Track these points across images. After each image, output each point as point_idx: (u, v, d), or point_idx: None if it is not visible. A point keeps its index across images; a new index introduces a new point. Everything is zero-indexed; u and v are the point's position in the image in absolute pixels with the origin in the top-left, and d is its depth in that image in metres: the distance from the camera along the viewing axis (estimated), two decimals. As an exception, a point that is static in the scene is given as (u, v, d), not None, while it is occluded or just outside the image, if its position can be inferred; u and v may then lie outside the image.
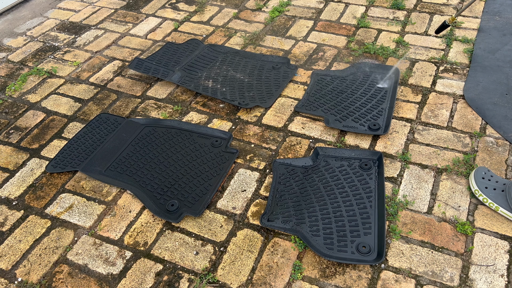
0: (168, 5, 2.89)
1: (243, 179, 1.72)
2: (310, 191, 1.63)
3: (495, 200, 1.53)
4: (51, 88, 2.25)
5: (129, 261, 1.48)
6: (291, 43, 2.45)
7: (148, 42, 2.55)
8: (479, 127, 1.87)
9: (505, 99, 2.01)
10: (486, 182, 1.57)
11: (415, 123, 1.91)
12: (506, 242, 1.46)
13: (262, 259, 1.46)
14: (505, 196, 1.51)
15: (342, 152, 1.77)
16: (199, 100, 2.12)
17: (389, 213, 1.56)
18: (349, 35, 2.48)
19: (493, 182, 1.57)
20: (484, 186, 1.56)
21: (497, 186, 1.55)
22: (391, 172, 1.71)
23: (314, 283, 1.38)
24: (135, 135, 1.92)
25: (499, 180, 1.57)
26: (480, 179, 1.58)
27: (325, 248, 1.45)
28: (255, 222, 1.57)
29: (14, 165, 1.84)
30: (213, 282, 1.40)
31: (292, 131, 1.91)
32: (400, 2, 2.70)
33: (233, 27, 2.63)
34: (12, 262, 1.50)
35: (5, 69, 2.40)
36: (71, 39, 2.61)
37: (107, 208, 1.65)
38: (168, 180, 1.71)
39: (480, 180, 1.58)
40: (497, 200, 1.53)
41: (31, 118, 2.07)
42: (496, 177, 1.59)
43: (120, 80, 2.28)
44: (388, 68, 2.18)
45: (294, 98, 2.08)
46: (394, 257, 1.44)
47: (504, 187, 1.54)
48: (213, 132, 1.90)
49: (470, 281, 1.36)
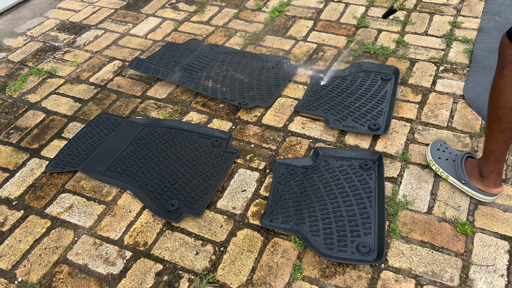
0: (168, 5, 2.89)
1: (243, 179, 1.72)
2: (310, 191, 1.63)
3: (446, 170, 1.62)
4: (51, 88, 2.25)
5: (129, 261, 1.48)
6: (291, 43, 2.45)
7: (148, 42, 2.55)
8: (479, 127, 1.87)
9: (505, 99, 2.01)
10: (440, 153, 1.67)
11: (415, 123, 1.91)
12: (506, 242, 1.46)
13: (262, 259, 1.46)
14: (454, 166, 1.61)
15: (342, 152, 1.77)
16: (199, 100, 2.12)
17: (389, 213, 1.56)
18: (349, 35, 2.48)
19: (447, 154, 1.66)
20: (438, 156, 1.66)
21: (449, 157, 1.64)
22: (391, 172, 1.71)
23: (314, 283, 1.38)
24: (135, 135, 1.92)
25: (453, 151, 1.67)
26: (435, 151, 1.68)
27: (325, 248, 1.45)
28: (255, 222, 1.57)
29: (14, 165, 1.84)
30: (213, 282, 1.40)
31: (292, 131, 1.91)
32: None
33: (233, 27, 2.63)
34: (12, 262, 1.50)
35: (5, 69, 2.40)
36: (71, 39, 2.61)
37: (107, 208, 1.65)
38: (168, 180, 1.71)
39: (435, 151, 1.68)
40: (447, 169, 1.62)
41: (31, 118, 2.07)
42: (450, 149, 1.68)
43: (120, 80, 2.28)
44: (388, 68, 2.18)
45: (294, 98, 2.08)
46: (394, 257, 1.44)
47: (456, 157, 1.63)
48: (213, 132, 1.90)
49: (470, 281, 1.36)
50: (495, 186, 1.52)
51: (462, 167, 1.58)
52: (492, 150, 1.44)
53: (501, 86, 1.30)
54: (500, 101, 1.32)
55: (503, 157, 1.45)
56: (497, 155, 1.44)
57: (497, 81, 1.32)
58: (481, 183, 1.53)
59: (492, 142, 1.42)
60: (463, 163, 1.59)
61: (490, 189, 1.52)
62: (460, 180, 1.59)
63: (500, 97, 1.32)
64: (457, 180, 1.60)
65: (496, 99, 1.33)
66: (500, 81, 1.31)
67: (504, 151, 1.43)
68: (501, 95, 1.31)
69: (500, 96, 1.31)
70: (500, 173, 1.49)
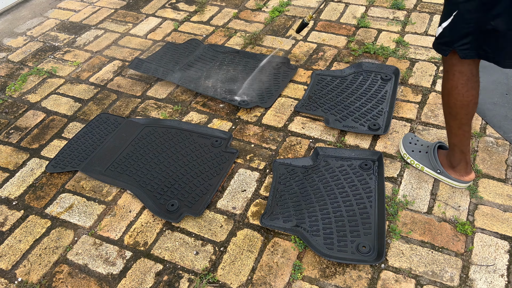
0: (168, 5, 2.89)
1: (243, 179, 1.72)
2: (310, 191, 1.63)
3: (420, 161, 1.68)
4: (51, 88, 2.25)
5: (129, 261, 1.48)
6: (291, 43, 2.45)
7: (148, 42, 2.55)
8: (479, 127, 1.87)
9: (505, 99, 2.01)
10: (412, 146, 1.73)
11: (415, 123, 1.91)
12: (506, 242, 1.46)
13: (262, 259, 1.46)
14: (427, 157, 1.67)
15: (342, 152, 1.77)
16: (199, 100, 2.12)
17: (389, 213, 1.56)
18: (349, 35, 2.48)
19: (419, 146, 1.72)
20: (411, 149, 1.72)
21: (421, 149, 1.70)
22: (391, 172, 1.71)
23: (314, 283, 1.38)
24: (135, 135, 1.92)
25: (424, 143, 1.72)
26: (407, 144, 1.74)
27: (325, 248, 1.45)
28: (255, 222, 1.57)
29: (14, 165, 1.84)
30: (213, 282, 1.40)
31: (292, 131, 1.91)
32: (400, 2, 2.70)
33: (233, 27, 2.63)
34: (12, 262, 1.50)
35: (5, 69, 2.40)
36: (71, 39, 2.61)
37: (107, 208, 1.65)
38: (168, 180, 1.71)
39: (407, 144, 1.74)
40: (422, 161, 1.68)
41: (31, 118, 2.07)
42: (421, 141, 1.74)
43: (120, 80, 2.28)
44: (388, 68, 2.18)
45: (294, 98, 2.08)
46: (394, 257, 1.44)
47: (428, 149, 1.69)
48: (213, 132, 1.90)
49: (470, 281, 1.36)
50: (466, 174, 1.59)
51: (436, 158, 1.64)
52: (455, 143, 1.53)
53: (449, 88, 1.41)
54: (451, 102, 1.42)
55: (467, 148, 1.54)
56: (460, 147, 1.53)
57: (445, 84, 1.42)
58: (454, 172, 1.61)
59: (453, 137, 1.52)
60: (436, 154, 1.65)
61: (462, 177, 1.60)
62: (435, 170, 1.65)
63: (450, 98, 1.42)
64: (433, 170, 1.66)
65: (447, 100, 1.44)
66: (447, 84, 1.41)
67: (467, 143, 1.52)
68: (450, 96, 1.41)
69: (450, 97, 1.42)
70: (468, 162, 1.57)
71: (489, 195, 1.60)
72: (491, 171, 1.69)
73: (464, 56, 1.29)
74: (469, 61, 1.33)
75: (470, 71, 1.35)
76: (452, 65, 1.36)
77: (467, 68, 1.34)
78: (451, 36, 1.29)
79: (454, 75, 1.37)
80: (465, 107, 1.41)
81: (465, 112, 1.42)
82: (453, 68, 1.36)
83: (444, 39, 1.31)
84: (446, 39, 1.31)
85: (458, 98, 1.39)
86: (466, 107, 1.41)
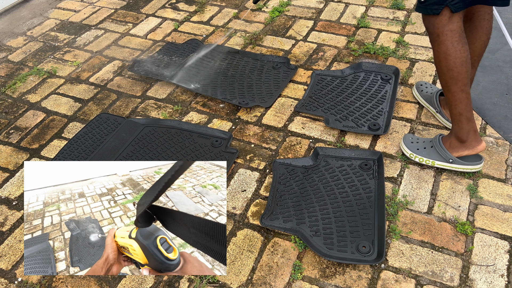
0: (168, 5, 2.90)
1: (243, 179, 1.72)
2: (310, 191, 1.63)
3: (429, 157, 1.68)
4: (51, 88, 2.25)
5: (129, 261, 1.48)
6: (291, 43, 2.45)
7: (148, 42, 2.55)
8: (479, 127, 1.87)
9: (505, 99, 2.01)
10: (415, 145, 1.72)
11: (415, 123, 1.91)
12: (506, 242, 1.46)
13: (262, 259, 1.46)
14: (435, 150, 1.66)
15: (342, 152, 1.77)
16: (199, 100, 2.12)
17: (389, 213, 1.56)
18: (349, 35, 2.48)
19: (421, 143, 1.72)
20: (416, 148, 1.71)
21: (425, 145, 1.70)
22: (391, 172, 1.71)
23: (314, 283, 1.38)
24: (135, 135, 1.92)
25: (425, 140, 1.73)
26: (409, 144, 1.74)
27: (325, 248, 1.45)
28: (255, 222, 1.57)
29: (14, 165, 1.84)
30: (213, 282, 1.40)
31: (292, 131, 1.91)
32: (400, 2, 2.70)
33: (233, 27, 2.63)
34: (12, 262, 1.50)
35: (5, 69, 2.40)
36: (71, 39, 2.61)
37: (107, 208, 1.65)
38: (168, 180, 1.71)
39: (410, 144, 1.73)
40: (430, 156, 1.68)
41: (31, 118, 2.07)
42: (421, 139, 1.74)
43: (120, 80, 2.28)
44: (388, 68, 2.18)
45: (294, 98, 2.08)
46: (394, 257, 1.44)
47: (431, 143, 1.69)
48: (213, 132, 1.90)
49: (470, 281, 1.36)
50: (477, 143, 1.60)
51: (444, 148, 1.64)
52: (461, 111, 1.53)
53: (445, 50, 1.43)
54: (450, 63, 1.44)
55: (472, 114, 1.55)
56: (466, 114, 1.54)
57: (440, 48, 1.44)
58: (465, 147, 1.61)
59: (458, 104, 1.52)
60: (443, 145, 1.65)
61: (475, 148, 1.60)
62: (447, 160, 1.65)
63: (449, 60, 1.43)
64: (445, 161, 1.65)
65: (446, 64, 1.45)
66: (442, 47, 1.43)
67: (470, 108, 1.53)
68: (448, 57, 1.43)
69: (448, 59, 1.43)
70: (476, 130, 1.59)
71: (489, 195, 1.60)
72: (491, 171, 1.69)
73: (456, 9, 1.35)
74: (457, 18, 1.39)
75: (460, 28, 1.41)
76: (443, 26, 1.40)
77: (456, 25, 1.40)
78: None
79: (447, 35, 1.41)
80: (465, 63, 1.44)
81: (465, 69, 1.45)
82: (445, 28, 1.40)
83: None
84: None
85: (457, 56, 1.42)
86: (466, 64, 1.44)
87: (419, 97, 1.98)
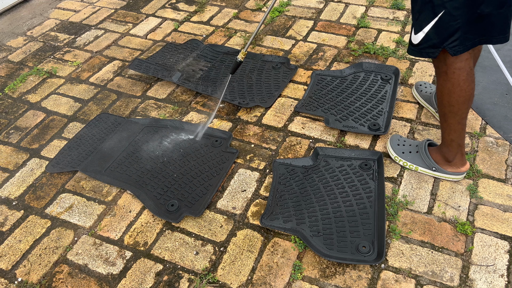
0: (168, 5, 2.89)
1: (243, 179, 1.72)
2: (310, 191, 1.63)
3: (413, 162, 1.68)
4: (51, 88, 2.25)
5: (129, 261, 1.48)
6: (291, 43, 2.45)
7: (148, 42, 2.55)
8: (479, 127, 1.87)
9: (505, 99, 2.01)
10: (401, 148, 1.72)
11: (415, 123, 1.91)
12: (506, 242, 1.46)
13: (262, 259, 1.46)
14: (420, 156, 1.67)
15: (342, 152, 1.77)
16: (199, 100, 2.12)
17: (389, 213, 1.56)
18: (349, 35, 2.48)
19: (408, 146, 1.72)
20: (401, 151, 1.71)
21: (411, 149, 1.71)
22: (391, 172, 1.71)
23: (314, 283, 1.38)
24: (135, 135, 1.92)
25: (412, 143, 1.73)
26: (396, 146, 1.73)
27: (325, 248, 1.45)
28: (255, 222, 1.57)
29: (14, 165, 1.84)
30: (213, 282, 1.40)
31: (292, 131, 1.91)
32: (400, 2, 2.70)
33: (233, 27, 2.63)
34: (12, 262, 1.50)
35: (5, 69, 2.40)
36: (71, 39, 2.61)
37: (107, 208, 1.65)
38: (168, 180, 1.71)
39: (396, 147, 1.73)
40: (414, 161, 1.68)
41: (31, 118, 2.07)
42: (408, 141, 1.74)
43: (120, 80, 2.28)
44: (388, 68, 2.18)
45: (294, 98, 2.08)
46: (394, 257, 1.44)
47: (417, 148, 1.69)
48: (213, 132, 1.90)
49: (470, 281, 1.36)
50: (462, 165, 1.61)
51: (428, 156, 1.65)
52: (453, 139, 1.54)
53: (450, 87, 1.40)
54: (453, 100, 1.42)
55: (463, 140, 1.55)
56: (458, 141, 1.54)
57: (445, 84, 1.41)
58: (449, 166, 1.62)
59: (452, 133, 1.52)
60: (428, 152, 1.65)
61: (459, 169, 1.61)
62: (430, 168, 1.65)
63: (452, 97, 1.42)
64: (428, 168, 1.66)
65: (448, 99, 1.43)
66: (447, 84, 1.40)
67: (463, 135, 1.53)
68: (452, 94, 1.41)
69: (452, 95, 1.41)
70: (463, 153, 1.59)
71: (489, 195, 1.60)
72: (491, 171, 1.69)
73: (454, 52, 1.31)
74: (466, 55, 1.34)
75: (468, 66, 1.37)
76: (451, 64, 1.36)
77: (465, 63, 1.35)
78: (439, 37, 1.30)
79: (454, 73, 1.37)
80: (467, 101, 1.42)
81: (466, 106, 1.43)
82: (452, 66, 1.36)
83: (430, 42, 1.33)
84: (433, 42, 1.32)
85: (461, 95, 1.40)
86: (468, 102, 1.42)
87: (418, 97, 1.98)
